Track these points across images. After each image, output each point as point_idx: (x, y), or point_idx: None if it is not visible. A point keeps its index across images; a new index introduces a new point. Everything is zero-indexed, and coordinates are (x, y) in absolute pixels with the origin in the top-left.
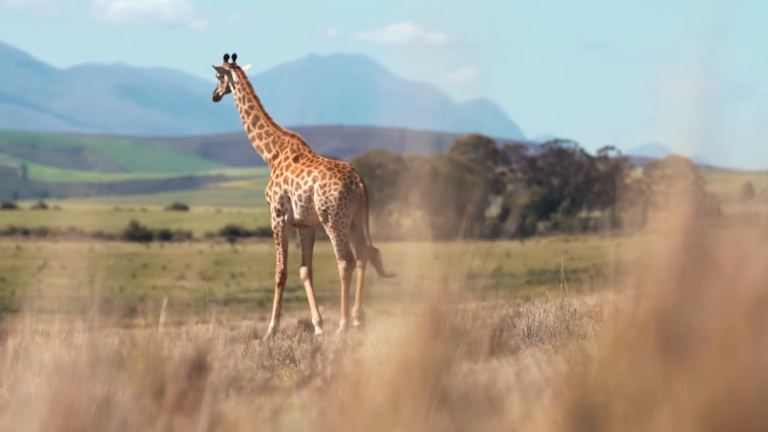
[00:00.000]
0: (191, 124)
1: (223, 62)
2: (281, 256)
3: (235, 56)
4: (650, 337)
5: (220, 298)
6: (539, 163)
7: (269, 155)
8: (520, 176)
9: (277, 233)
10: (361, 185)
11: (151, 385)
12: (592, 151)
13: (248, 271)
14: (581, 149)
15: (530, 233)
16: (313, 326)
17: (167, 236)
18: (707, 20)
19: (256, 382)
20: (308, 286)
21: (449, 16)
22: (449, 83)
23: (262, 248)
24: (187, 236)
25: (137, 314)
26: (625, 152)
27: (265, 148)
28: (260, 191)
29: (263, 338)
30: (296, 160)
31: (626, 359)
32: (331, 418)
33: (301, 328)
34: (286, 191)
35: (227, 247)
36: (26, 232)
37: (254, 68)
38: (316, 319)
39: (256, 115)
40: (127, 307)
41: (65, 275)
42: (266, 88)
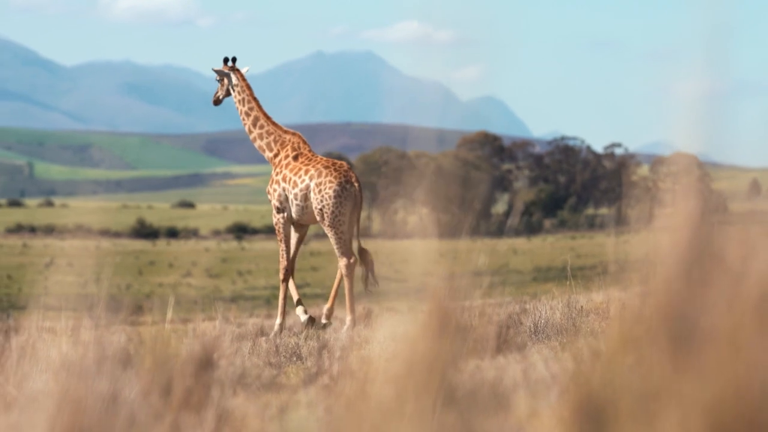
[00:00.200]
0: (198, 121)
1: (222, 65)
2: (284, 252)
3: (234, 59)
4: (657, 334)
5: (226, 295)
6: (546, 160)
7: (271, 154)
8: (526, 173)
9: (278, 230)
10: (356, 185)
11: (158, 382)
12: (598, 148)
13: (255, 268)
14: (588, 146)
15: (537, 230)
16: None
17: (174, 233)
18: (713, 17)
19: (263, 379)
20: (289, 282)
21: (455, 13)
22: (455, 80)
23: (269, 245)
24: (193, 233)
25: (144, 311)
26: (631, 149)
27: (266, 147)
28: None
29: (270, 335)
30: (296, 158)
31: (633, 356)
32: (337, 415)
33: (308, 325)
34: (284, 189)
35: (234, 244)
36: (33, 229)
37: (261, 66)
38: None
39: (256, 115)
40: (133, 304)
41: (72, 273)
42: (273, 85)
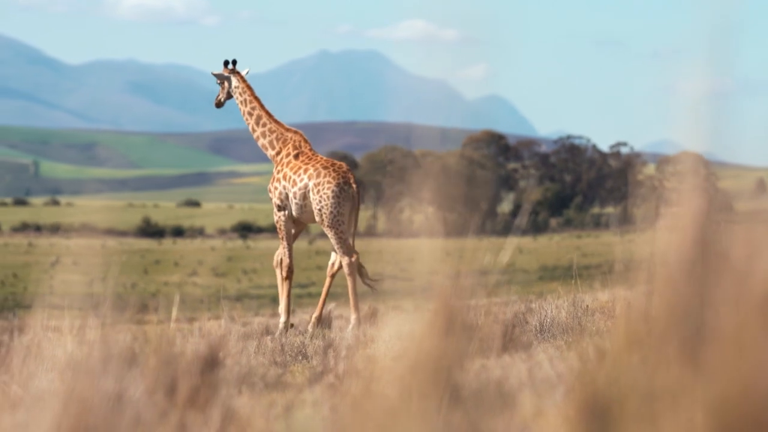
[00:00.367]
0: (203, 120)
1: (222, 69)
2: (286, 250)
3: (234, 62)
4: (662, 333)
5: (232, 294)
6: (551, 159)
7: (273, 152)
8: (532, 172)
9: (279, 228)
10: (354, 186)
11: (163, 381)
12: (604, 147)
13: (260, 267)
14: (593, 145)
15: (542, 229)
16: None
17: (179, 232)
18: (719, 16)
19: (268, 378)
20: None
21: (460, 12)
22: (461, 79)
23: (274, 244)
24: (199, 232)
25: (149, 310)
26: (637, 148)
27: (269, 145)
28: None
29: (275, 334)
30: (297, 157)
31: (638, 355)
32: (343, 414)
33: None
34: (285, 187)
35: (239, 243)
36: (38, 228)
37: (266, 64)
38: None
39: (258, 114)
40: (139, 303)
41: (77, 271)
42: (277, 84)
